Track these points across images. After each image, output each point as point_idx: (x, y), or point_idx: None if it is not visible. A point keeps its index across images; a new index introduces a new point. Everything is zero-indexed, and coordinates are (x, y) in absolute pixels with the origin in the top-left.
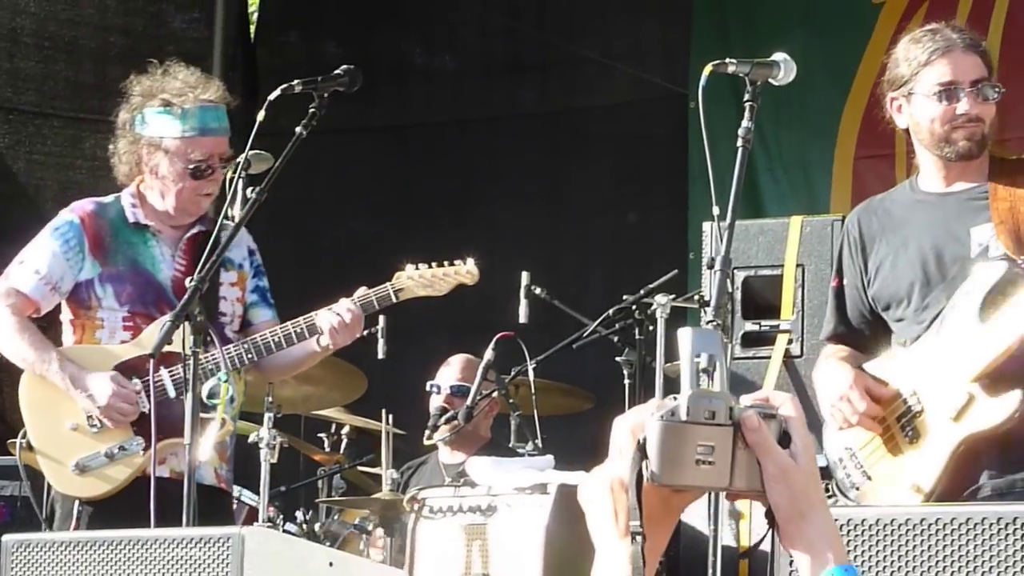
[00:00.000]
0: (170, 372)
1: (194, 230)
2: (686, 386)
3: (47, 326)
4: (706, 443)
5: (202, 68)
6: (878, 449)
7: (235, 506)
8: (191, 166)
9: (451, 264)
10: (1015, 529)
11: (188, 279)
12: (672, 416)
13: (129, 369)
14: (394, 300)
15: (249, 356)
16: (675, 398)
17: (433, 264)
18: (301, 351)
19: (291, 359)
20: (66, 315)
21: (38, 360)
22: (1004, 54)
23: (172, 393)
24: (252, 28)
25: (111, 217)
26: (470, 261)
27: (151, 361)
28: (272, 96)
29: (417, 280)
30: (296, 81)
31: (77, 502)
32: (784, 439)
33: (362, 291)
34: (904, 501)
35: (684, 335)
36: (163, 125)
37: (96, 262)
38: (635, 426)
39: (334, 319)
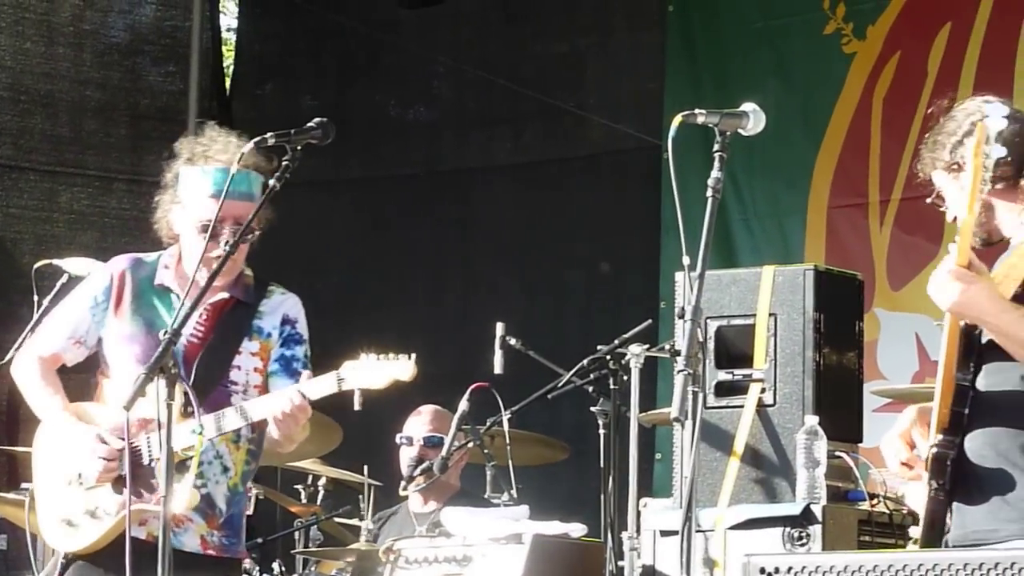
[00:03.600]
0: (149, 438)
1: (218, 297)
2: None
3: (84, 380)
4: None
5: (177, 121)
6: None
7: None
8: (199, 224)
9: (395, 358)
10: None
11: (162, 332)
12: None
13: (120, 430)
14: (337, 390)
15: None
16: None
17: (381, 356)
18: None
19: (272, 440)
20: (97, 368)
21: (47, 411)
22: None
23: (146, 460)
24: (227, 81)
25: (142, 276)
26: (411, 359)
27: (126, 417)
28: (245, 149)
29: (359, 373)
30: (269, 134)
31: (62, 553)
32: None
33: (306, 376)
34: None
35: None
36: (185, 183)
37: (116, 320)
38: None
39: (276, 408)
